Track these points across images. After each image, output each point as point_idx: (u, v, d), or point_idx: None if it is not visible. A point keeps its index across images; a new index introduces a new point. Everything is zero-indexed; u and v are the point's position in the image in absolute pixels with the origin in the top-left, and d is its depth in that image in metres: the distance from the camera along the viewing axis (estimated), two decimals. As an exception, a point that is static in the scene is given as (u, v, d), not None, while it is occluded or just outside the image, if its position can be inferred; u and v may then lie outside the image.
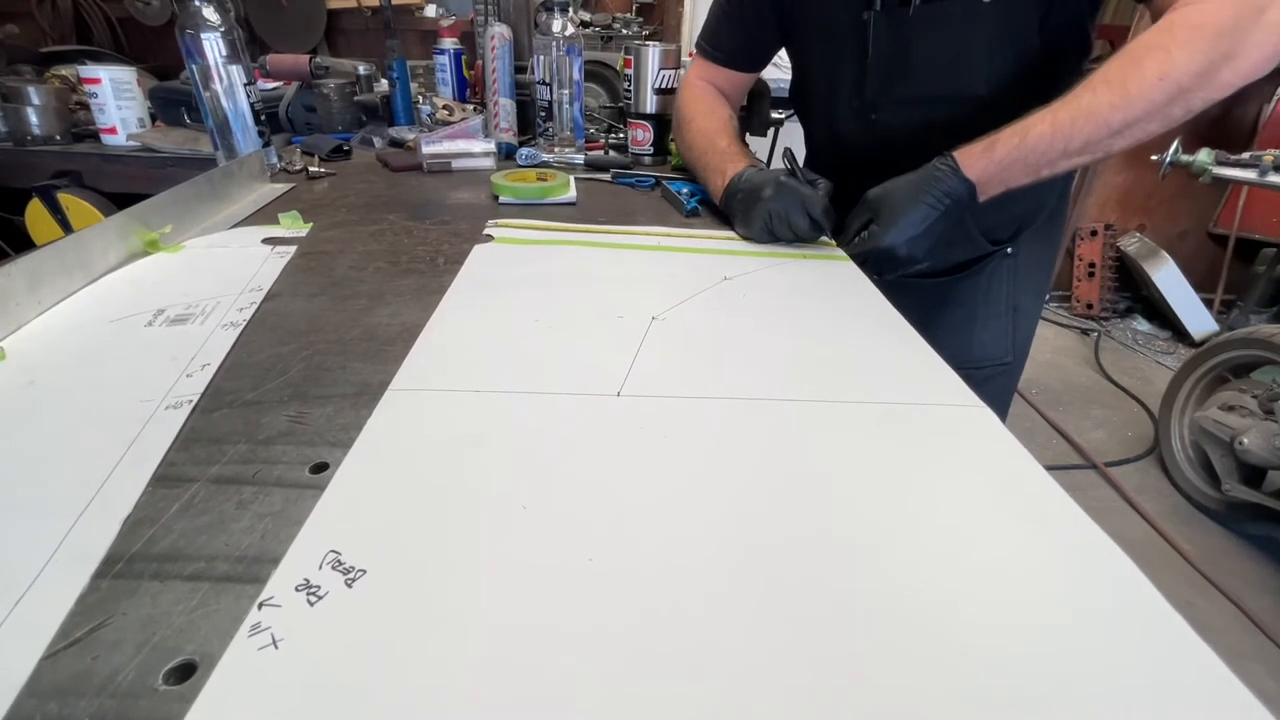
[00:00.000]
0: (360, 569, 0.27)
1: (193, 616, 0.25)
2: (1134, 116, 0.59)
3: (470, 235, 0.70)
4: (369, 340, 0.47)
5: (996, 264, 0.84)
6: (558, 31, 1.03)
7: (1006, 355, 0.87)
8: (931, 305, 0.88)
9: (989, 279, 0.85)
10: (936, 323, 0.89)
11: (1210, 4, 0.56)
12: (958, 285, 0.87)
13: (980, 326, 0.86)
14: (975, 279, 0.86)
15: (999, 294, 0.85)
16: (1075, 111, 0.61)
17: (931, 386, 0.44)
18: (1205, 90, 0.57)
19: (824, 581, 0.28)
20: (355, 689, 0.22)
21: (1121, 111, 0.59)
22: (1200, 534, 1.63)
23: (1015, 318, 0.86)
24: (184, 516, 0.30)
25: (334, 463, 0.34)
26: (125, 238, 0.60)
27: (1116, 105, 0.59)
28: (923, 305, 0.85)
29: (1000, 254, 0.84)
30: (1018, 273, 0.84)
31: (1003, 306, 0.85)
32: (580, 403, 0.40)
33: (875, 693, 0.23)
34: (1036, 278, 0.87)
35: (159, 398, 0.39)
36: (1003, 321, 0.86)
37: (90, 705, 0.22)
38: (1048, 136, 0.62)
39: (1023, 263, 0.84)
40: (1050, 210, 0.84)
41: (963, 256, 0.85)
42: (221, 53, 0.81)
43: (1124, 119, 0.59)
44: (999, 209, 0.74)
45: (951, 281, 0.87)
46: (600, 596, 0.27)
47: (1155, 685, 0.24)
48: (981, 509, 0.33)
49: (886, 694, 0.23)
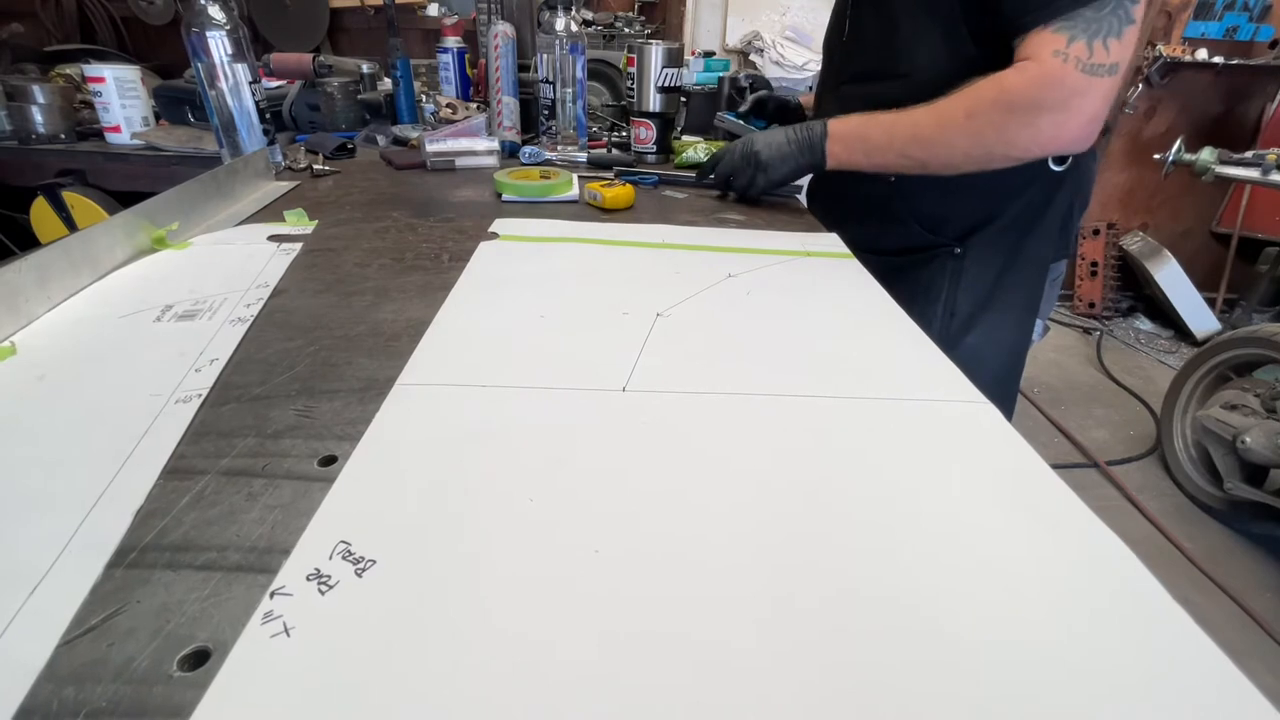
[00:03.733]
0: (370, 559, 0.27)
1: (205, 605, 0.25)
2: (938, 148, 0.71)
3: (474, 232, 0.71)
4: (375, 336, 0.48)
5: (941, 261, 0.84)
6: (561, 30, 1.03)
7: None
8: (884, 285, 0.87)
9: (929, 275, 0.85)
10: None
11: (1015, 77, 0.65)
12: (901, 273, 0.84)
13: (914, 319, 0.85)
14: (917, 272, 0.85)
15: (937, 292, 0.84)
16: (914, 119, 0.71)
17: (936, 383, 0.45)
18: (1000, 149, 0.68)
19: (828, 575, 0.28)
20: (366, 675, 0.23)
21: (928, 138, 0.71)
22: (1202, 533, 1.63)
23: (952, 324, 0.84)
24: (195, 508, 0.30)
25: (342, 456, 0.34)
26: (132, 235, 0.60)
27: (930, 130, 0.70)
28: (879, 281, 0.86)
29: (945, 253, 0.83)
30: (962, 276, 0.83)
31: (939, 306, 0.84)
32: (586, 398, 0.41)
33: (878, 687, 0.24)
34: (987, 290, 0.83)
35: (168, 392, 0.39)
36: (937, 323, 0.84)
37: (107, 691, 0.22)
38: (888, 124, 0.72)
39: (971, 267, 0.82)
40: (1010, 224, 0.81)
41: (899, 239, 0.86)
42: (227, 51, 0.81)
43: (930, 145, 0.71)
44: (933, 195, 0.80)
45: (893, 264, 0.84)
46: (606, 586, 0.27)
47: (1161, 680, 0.24)
48: (986, 505, 0.33)
49: (889, 689, 0.24)
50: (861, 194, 0.86)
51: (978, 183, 0.73)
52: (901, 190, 0.82)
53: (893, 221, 0.85)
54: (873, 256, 0.86)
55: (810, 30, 2.29)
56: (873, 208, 0.86)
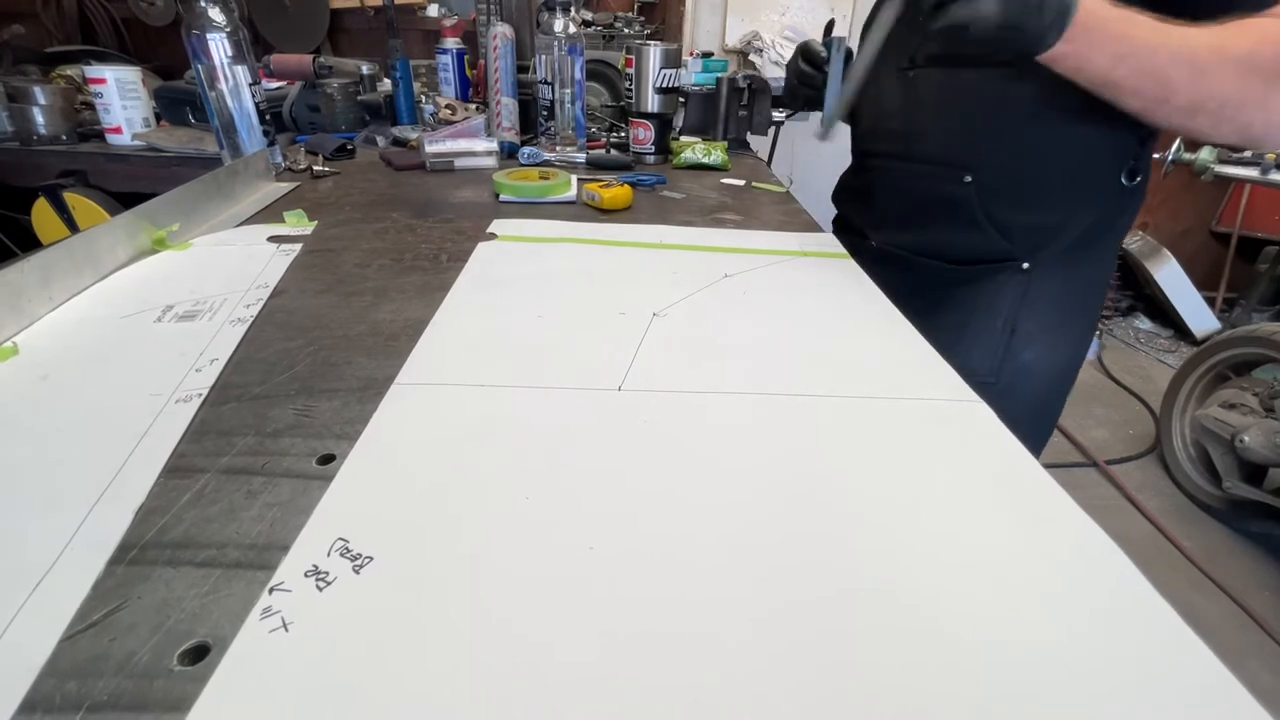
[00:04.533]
0: (368, 556, 0.28)
1: (205, 601, 0.26)
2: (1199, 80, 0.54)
3: (472, 233, 0.71)
4: (374, 336, 0.48)
5: (1007, 276, 0.79)
6: (560, 31, 1.03)
7: (989, 376, 0.81)
8: (931, 297, 0.84)
9: (995, 289, 0.80)
10: (934, 317, 0.82)
11: None
12: (960, 287, 0.83)
13: (971, 336, 0.81)
14: (979, 285, 0.81)
15: (999, 308, 0.79)
16: (1186, 36, 0.54)
17: (929, 382, 0.45)
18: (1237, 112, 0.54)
19: (822, 574, 0.29)
20: (364, 670, 0.23)
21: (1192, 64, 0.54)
22: (1201, 532, 1.63)
23: (1012, 340, 0.80)
24: (195, 506, 0.31)
25: (341, 454, 0.35)
26: (134, 236, 0.60)
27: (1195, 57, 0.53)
28: (924, 294, 0.81)
29: (1013, 267, 0.78)
30: (1029, 292, 0.78)
31: (999, 322, 0.80)
32: (582, 397, 0.41)
33: (871, 686, 0.24)
34: (1051, 307, 0.79)
35: (169, 392, 0.40)
36: (995, 338, 0.80)
37: (108, 685, 0.22)
38: (1155, 28, 0.54)
39: (1038, 283, 0.78)
40: (1078, 239, 0.75)
41: (969, 246, 0.80)
42: (227, 53, 0.82)
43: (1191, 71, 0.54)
44: (1011, 199, 0.73)
45: (955, 277, 0.83)
46: (603, 585, 0.27)
47: (1151, 683, 0.24)
48: (978, 505, 0.33)
49: (886, 688, 0.24)
50: (931, 193, 0.79)
51: (1054, 191, 0.70)
52: (982, 191, 0.75)
53: (967, 226, 0.77)
54: (930, 263, 0.83)
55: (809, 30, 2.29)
56: (944, 209, 0.79)
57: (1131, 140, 0.70)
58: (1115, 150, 0.70)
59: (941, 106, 0.75)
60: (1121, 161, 0.71)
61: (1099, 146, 0.70)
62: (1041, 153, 0.71)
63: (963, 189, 0.75)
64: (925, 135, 0.78)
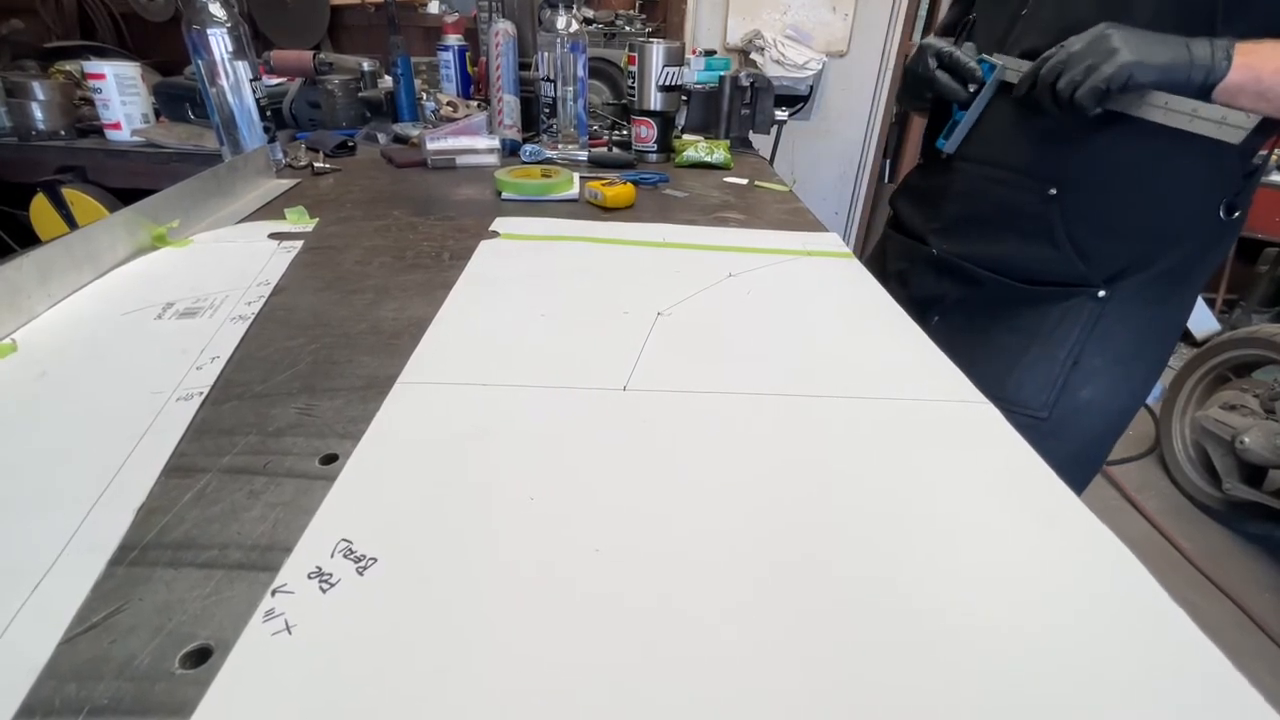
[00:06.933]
0: (371, 557, 0.28)
1: (207, 603, 0.25)
2: None
3: (474, 231, 0.71)
4: (376, 334, 0.48)
5: (1079, 302, 0.72)
6: (562, 28, 1.03)
7: (1040, 410, 0.75)
8: (990, 315, 0.79)
9: (1063, 315, 0.73)
10: (989, 337, 0.78)
11: None
12: (1024, 307, 0.76)
13: (1028, 364, 0.75)
14: (1046, 308, 0.74)
15: (1065, 336, 0.73)
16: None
17: (935, 383, 0.45)
18: None
19: (828, 575, 0.28)
20: (367, 673, 0.23)
21: None
22: (1201, 533, 1.63)
23: (1073, 374, 0.73)
24: (196, 506, 0.30)
25: (343, 454, 0.34)
26: (133, 232, 0.60)
27: None
28: (983, 311, 0.77)
29: (1087, 294, 0.72)
30: (1100, 323, 0.72)
31: (1062, 352, 0.73)
32: (586, 397, 0.41)
33: (882, 688, 0.24)
34: (1123, 343, 0.73)
35: (170, 390, 0.39)
36: (1052, 368, 0.73)
37: (109, 688, 0.22)
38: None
39: (1112, 314, 0.72)
40: (1163, 272, 0.70)
41: (1041, 265, 0.74)
42: (227, 48, 0.81)
43: None
44: (1096, 220, 0.69)
45: (1021, 296, 0.76)
46: (606, 585, 0.27)
47: (1160, 682, 0.24)
48: (986, 505, 0.33)
49: (891, 688, 0.24)
50: (1010, 203, 0.74)
51: (1145, 217, 0.66)
52: (1066, 207, 0.70)
53: (1043, 243, 0.72)
54: (995, 278, 0.77)
55: (811, 29, 2.29)
56: (1021, 222, 0.73)
57: (1236, 171, 0.66)
58: (1217, 181, 0.66)
59: (1035, 113, 0.69)
60: (1222, 193, 0.67)
61: (1200, 175, 0.65)
62: (1137, 174, 0.66)
63: (1045, 203, 0.70)
64: (1013, 141, 0.72)
